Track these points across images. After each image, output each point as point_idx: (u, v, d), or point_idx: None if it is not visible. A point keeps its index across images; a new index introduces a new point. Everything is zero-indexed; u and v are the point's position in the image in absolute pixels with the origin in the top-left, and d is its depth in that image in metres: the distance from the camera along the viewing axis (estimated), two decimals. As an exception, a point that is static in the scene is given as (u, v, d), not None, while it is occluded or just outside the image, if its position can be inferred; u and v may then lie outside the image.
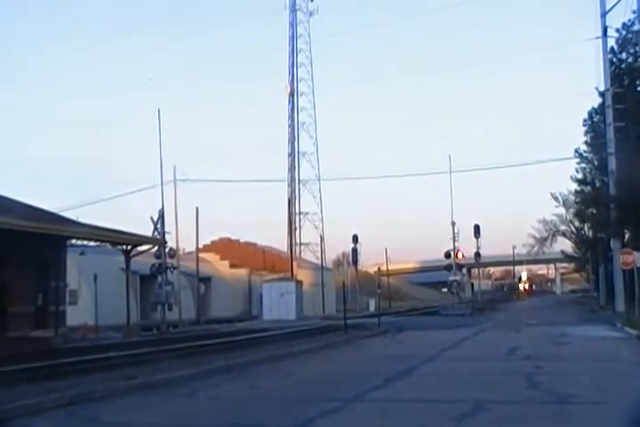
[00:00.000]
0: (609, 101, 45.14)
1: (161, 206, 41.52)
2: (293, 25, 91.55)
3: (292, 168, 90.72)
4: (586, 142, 55.17)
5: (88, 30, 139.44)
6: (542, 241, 72.63)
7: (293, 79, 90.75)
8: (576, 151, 55.26)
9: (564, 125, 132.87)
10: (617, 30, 46.24)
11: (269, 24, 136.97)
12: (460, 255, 56.20)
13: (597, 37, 45.61)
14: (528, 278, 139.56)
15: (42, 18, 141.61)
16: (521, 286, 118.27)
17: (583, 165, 57.06)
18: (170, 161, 50.10)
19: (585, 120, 55.25)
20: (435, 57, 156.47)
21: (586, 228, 65.28)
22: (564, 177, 59.94)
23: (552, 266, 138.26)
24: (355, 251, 63.89)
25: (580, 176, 58.16)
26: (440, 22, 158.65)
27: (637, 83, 46.99)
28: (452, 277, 56.34)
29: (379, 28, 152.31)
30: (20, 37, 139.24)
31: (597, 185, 54.54)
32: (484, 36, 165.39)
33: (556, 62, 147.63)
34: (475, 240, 59.37)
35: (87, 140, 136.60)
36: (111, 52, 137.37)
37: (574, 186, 60.17)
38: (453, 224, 55.46)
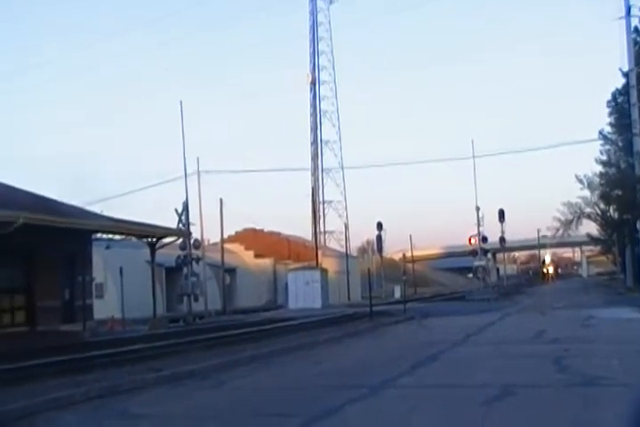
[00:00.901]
0: (633, 81, 44.73)
1: (185, 198, 41.66)
2: (313, 13, 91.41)
3: (314, 157, 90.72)
4: (610, 124, 54.76)
5: (108, 22, 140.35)
6: (567, 224, 72.12)
7: (315, 68, 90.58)
8: (600, 133, 54.88)
9: (588, 108, 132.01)
10: None
11: (290, 13, 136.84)
12: (484, 240, 55.95)
13: (621, 17, 45.24)
14: (553, 262, 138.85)
15: (54, 10, 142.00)
16: (545, 270, 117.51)
17: (607, 146, 56.64)
18: (193, 153, 50.22)
19: (609, 101, 54.81)
20: (457, 43, 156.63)
21: (611, 210, 64.71)
22: (589, 159, 59.46)
23: (578, 249, 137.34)
24: (379, 238, 63.88)
25: (604, 158, 57.75)
26: (460, 8, 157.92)
27: None
28: (477, 263, 56.09)
29: (401, 15, 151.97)
30: (38, 30, 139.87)
31: (622, 166, 54.05)
32: (506, 20, 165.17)
33: (579, 44, 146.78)
34: (499, 225, 59.23)
35: (108, 135, 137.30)
36: (130, 44, 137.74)
37: (599, 168, 59.77)
38: (478, 209, 55.24)
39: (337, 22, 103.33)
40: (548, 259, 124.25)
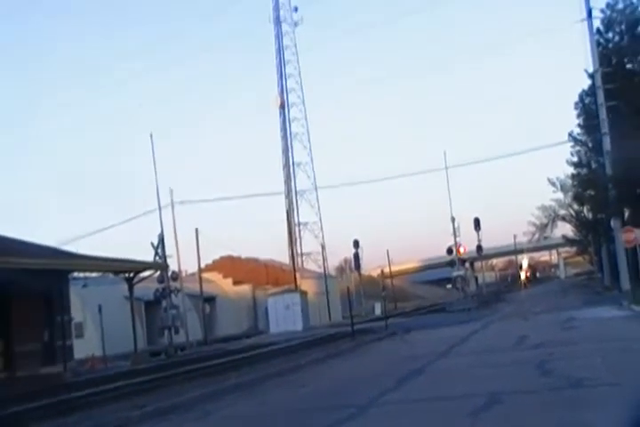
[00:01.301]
0: (599, 82, 45.14)
1: (160, 231, 41.49)
2: (279, 37, 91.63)
3: (287, 180, 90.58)
4: (579, 125, 54.94)
5: (79, 55, 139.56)
6: (543, 228, 72.29)
7: (283, 91, 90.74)
8: (570, 135, 55.14)
9: (556, 111, 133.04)
10: (601, 10, 46.33)
11: (255, 39, 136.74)
12: (461, 250, 56.12)
13: (583, 19, 45.75)
14: (531, 266, 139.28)
15: (28, 45, 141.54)
16: (522, 275, 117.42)
17: (578, 147, 56.82)
18: (165, 184, 50.00)
19: (576, 103, 55.05)
20: (422, 52, 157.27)
21: (585, 210, 65.05)
22: (560, 162, 59.77)
23: (554, 251, 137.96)
24: (356, 256, 63.93)
25: (575, 159, 57.91)
26: (428, 19, 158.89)
27: (625, 61, 46.93)
28: (455, 273, 56.21)
29: (365, 31, 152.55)
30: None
31: (593, 166, 54.35)
32: (469, 27, 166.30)
33: (543, 49, 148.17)
34: (476, 233, 59.46)
35: (81, 170, 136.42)
36: (100, 76, 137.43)
37: (570, 169, 60.02)
38: (453, 220, 55.52)
39: (306, 43, 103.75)
40: (525, 264, 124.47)
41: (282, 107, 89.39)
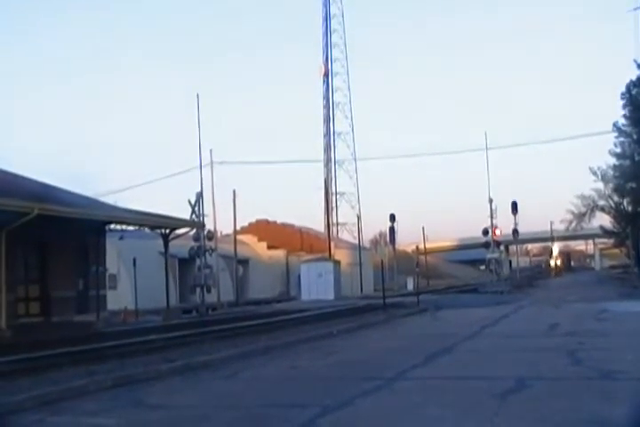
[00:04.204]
0: (647, 73, 44.58)
1: (199, 189, 41.64)
2: (326, 5, 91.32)
3: (327, 148, 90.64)
4: (624, 116, 54.33)
5: (123, 12, 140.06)
6: (580, 217, 71.84)
7: (327, 60, 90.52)
8: (614, 125, 54.55)
9: (602, 100, 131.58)
10: None
11: (303, 6, 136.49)
12: (497, 232, 55.78)
13: (636, 8, 45.07)
14: (565, 254, 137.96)
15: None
16: (552, 262, 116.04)
17: (622, 138, 56.23)
18: (206, 144, 50.19)
19: (623, 93, 54.37)
20: (470, 32, 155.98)
21: (625, 202, 64.47)
22: (603, 152, 59.14)
23: (591, 242, 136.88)
24: (392, 230, 63.84)
25: (618, 150, 57.33)
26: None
27: None
28: (490, 255, 55.87)
29: (412, 4, 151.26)
30: (51, 19, 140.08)
31: (637, 159, 53.79)
32: (519, 12, 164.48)
33: (594, 37, 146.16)
34: (512, 217, 59.07)
35: (123, 128, 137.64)
36: (144, 35, 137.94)
37: (613, 160, 59.42)
38: (491, 201, 55.03)
39: (353, 13, 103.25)
40: (555, 251, 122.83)
41: (325, 75, 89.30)
